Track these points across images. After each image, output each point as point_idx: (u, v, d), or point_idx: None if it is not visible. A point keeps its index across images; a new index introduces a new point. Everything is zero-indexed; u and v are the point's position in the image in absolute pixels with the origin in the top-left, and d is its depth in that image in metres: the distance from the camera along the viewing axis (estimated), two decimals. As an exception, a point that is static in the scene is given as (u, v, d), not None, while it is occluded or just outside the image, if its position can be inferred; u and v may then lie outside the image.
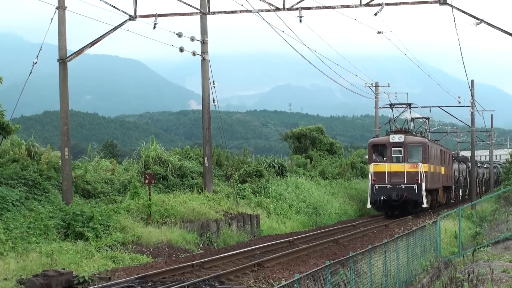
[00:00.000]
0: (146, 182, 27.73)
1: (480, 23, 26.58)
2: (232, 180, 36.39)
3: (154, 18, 28.37)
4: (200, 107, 34.94)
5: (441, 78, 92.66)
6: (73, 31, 41.76)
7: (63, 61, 27.41)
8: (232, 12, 29.02)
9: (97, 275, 18.44)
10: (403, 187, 41.63)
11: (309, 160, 54.92)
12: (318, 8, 27.84)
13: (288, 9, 27.47)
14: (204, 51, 32.96)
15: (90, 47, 28.72)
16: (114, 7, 27.39)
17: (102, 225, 23.90)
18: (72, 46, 31.34)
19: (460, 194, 59.58)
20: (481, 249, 22.73)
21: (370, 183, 42.28)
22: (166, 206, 28.07)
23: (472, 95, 53.71)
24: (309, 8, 27.74)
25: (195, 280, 17.64)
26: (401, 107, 49.53)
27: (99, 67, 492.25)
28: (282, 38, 29.21)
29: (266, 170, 41.67)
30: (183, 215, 27.96)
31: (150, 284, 17.54)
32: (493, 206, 42.27)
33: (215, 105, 32.89)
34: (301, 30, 29.48)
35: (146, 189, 28.20)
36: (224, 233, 28.88)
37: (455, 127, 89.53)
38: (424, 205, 41.94)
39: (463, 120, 59.70)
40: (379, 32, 34.32)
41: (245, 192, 36.44)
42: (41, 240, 21.30)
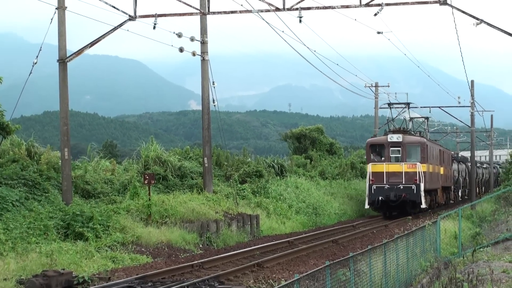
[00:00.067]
0: (146, 182, 27.72)
1: (480, 23, 26.59)
2: (232, 180, 36.38)
3: (154, 18, 28.39)
4: (200, 107, 34.92)
5: (441, 78, 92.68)
6: (73, 31, 41.78)
7: (63, 61, 27.42)
8: (232, 12, 29.05)
9: (97, 275, 18.44)
10: (402, 188, 41.28)
11: (309, 161, 54.93)
12: (318, 8, 27.87)
13: (288, 9, 27.49)
14: (204, 51, 32.96)
15: (90, 47, 28.72)
16: (114, 7, 27.42)
17: (102, 225, 23.88)
18: (72, 46, 31.34)
19: (460, 195, 59.51)
20: (481, 250, 22.73)
21: (368, 183, 42.04)
22: (166, 207, 28.04)
23: (472, 95, 53.65)
24: (309, 8, 27.77)
25: (195, 280, 17.65)
26: (400, 107, 49.45)
27: (99, 67, 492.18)
28: (282, 38, 29.25)
29: (266, 171, 41.65)
30: (183, 216, 27.94)
31: (150, 284, 17.55)
32: (493, 207, 42.26)
33: (215, 105, 32.89)
34: (301, 30, 29.50)
35: (146, 189, 28.19)
36: (224, 233, 28.86)
37: (455, 127, 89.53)
38: (423, 206, 41.65)
39: (463, 120, 59.67)
40: (379, 32, 34.27)
41: (245, 193, 36.42)
42: (41, 240, 21.29)
